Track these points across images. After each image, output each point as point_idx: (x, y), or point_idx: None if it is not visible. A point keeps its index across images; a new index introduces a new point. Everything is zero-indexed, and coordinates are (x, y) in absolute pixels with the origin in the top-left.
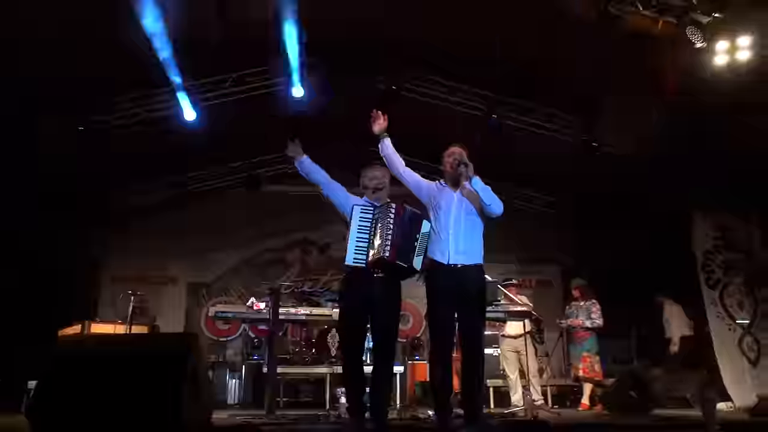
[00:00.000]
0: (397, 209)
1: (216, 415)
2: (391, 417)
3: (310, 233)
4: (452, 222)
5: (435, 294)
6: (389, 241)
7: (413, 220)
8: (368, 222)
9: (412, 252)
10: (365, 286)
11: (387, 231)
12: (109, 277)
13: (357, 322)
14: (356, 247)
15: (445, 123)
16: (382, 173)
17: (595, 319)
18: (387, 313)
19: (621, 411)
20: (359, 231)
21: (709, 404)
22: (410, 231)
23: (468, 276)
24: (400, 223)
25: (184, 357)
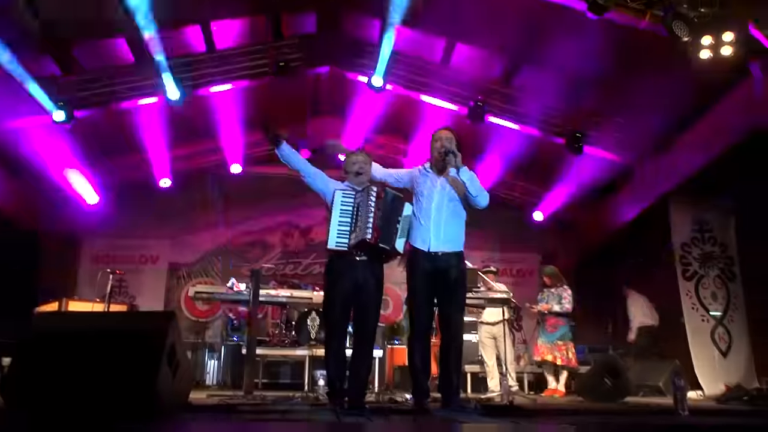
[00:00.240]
0: (378, 192)
1: (194, 395)
2: (369, 400)
3: (292, 216)
4: (434, 209)
5: (415, 280)
6: (371, 223)
7: (395, 203)
8: (350, 206)
9: (395, 234)
10: (348, 270)
11: (368, 214)
12: (88, 255)
13: (341, 305)
14: (338, 231)
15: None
16: (364, 158)
17: (564, 304)
18: (370, 297)
19: (595, 397)
20: (341, 215)
21: (679, 392)
22: (392, 213)
23: (448, 263)
24: (381, 205)
25: (163, 334)
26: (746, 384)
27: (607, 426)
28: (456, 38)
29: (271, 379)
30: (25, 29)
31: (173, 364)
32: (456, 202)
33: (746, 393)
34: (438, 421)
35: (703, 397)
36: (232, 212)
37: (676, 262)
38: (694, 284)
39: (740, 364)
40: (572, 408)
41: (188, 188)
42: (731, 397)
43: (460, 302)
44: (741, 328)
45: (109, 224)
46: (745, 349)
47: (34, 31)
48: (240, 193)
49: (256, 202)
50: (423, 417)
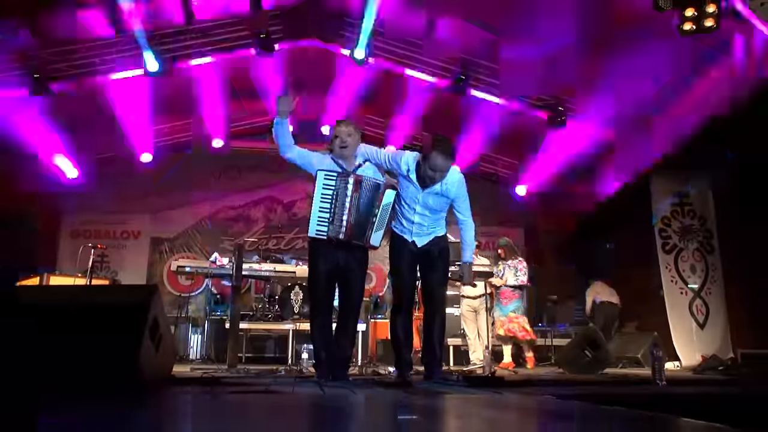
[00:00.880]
0: (355, 180)
1: (177, 368)
2: (352, 373)
3: (275, 191)
4: (416, 217)
5: (397, 254)
6: (344, 219)
7: (374, 191)
8: (330, 189)
9: (370, 228)
10: (330, 251)
11: (344, 208)
12: (69, 231)
13: (326, 281)
14: (318, 218)
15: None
16: (348, 130)
17: (520, 276)
18: (353, 274)
19: (575, 369)
20: (321, 200)
21: (657, 363)
22: (369, 205)
23: (432, 243)
24: (357, 199)
25: (145, 307)
26: (722, 355)
27: (585, 396)
28: (438, 11)
29: (255, 353)
30: None
31: (156, 337)
32: (437, 214)
33: (721, 363)
34: (421, 392)
35: (680, 368)
36: (214, 187)
37: (656, 236)
38: (674, 257)
39: (717, 336)
40: (552, 379)
41: (170, 163)
42: (707, 367)
43: (443, 276)
44: (718, 300)
45: (89, 199)
46: (722, 321)
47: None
48: (222, 167)
49: (239, 177)
50: (406, 389)
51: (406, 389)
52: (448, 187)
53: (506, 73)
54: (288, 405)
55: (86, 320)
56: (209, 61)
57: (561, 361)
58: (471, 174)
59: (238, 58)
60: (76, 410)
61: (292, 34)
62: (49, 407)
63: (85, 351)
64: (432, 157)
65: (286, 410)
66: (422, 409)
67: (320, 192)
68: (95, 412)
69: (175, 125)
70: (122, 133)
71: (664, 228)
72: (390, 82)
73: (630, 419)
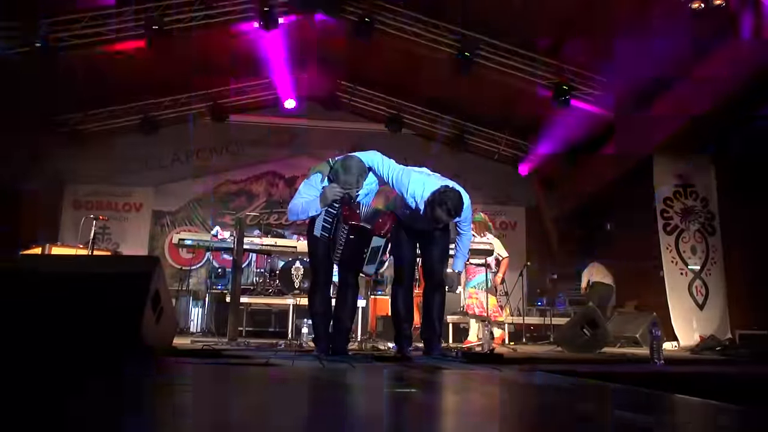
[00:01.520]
0: (351, 227)
1: (178, 341)
2: (352, 348)
3: (277, 166)
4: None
5: (398, 230)
6: (338, 253)
7: (362, 237)
8: (332, 218)
9: (360, 263)
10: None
11: (339, 243)
12: (71, 202)
13: (325, 254)
14: (323, 226)
15: (418, 60)
16: (357, 185)
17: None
18: (351, 262)
19: (573, 347)
20: (326, 215)
21: (656, 342)
22: (358, 248)
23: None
24: (353, 240)
25: (147, 278)
26: (720, 335)
27: (583, 374)
28: None
29: (255, 327)
30: None
31: (157, 309)
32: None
33: (719, 343)
34: (419, 367)
35: (678, 348)
36: (216, 161)
37: (658, 216)
38: (675, 238)
39: (715, 317)
40: (551, 357)
41: (173, 136)
42: (705, 348)
43: (443, 251)
44: (718, 281)
45: (92, 171)
46: (721, 302)
47: None
48: (225, 141)
49: (241, 151)
50: (405, 363)
51: (405, 364)
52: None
53: (512, 51)
54: (288, 378)
55: (88, 290)
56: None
57: (560, 339)
58: (476, 153)
59: (241, 32)
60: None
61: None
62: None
63: (87, 320)
64: (438, 213)
65: (286, 383)
66: (420, 383)
67: (323, 211)
68: (98, 382)
69: (179, 98)
70: (127, 105)
71: (666, 209)
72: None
73: (626, 394)
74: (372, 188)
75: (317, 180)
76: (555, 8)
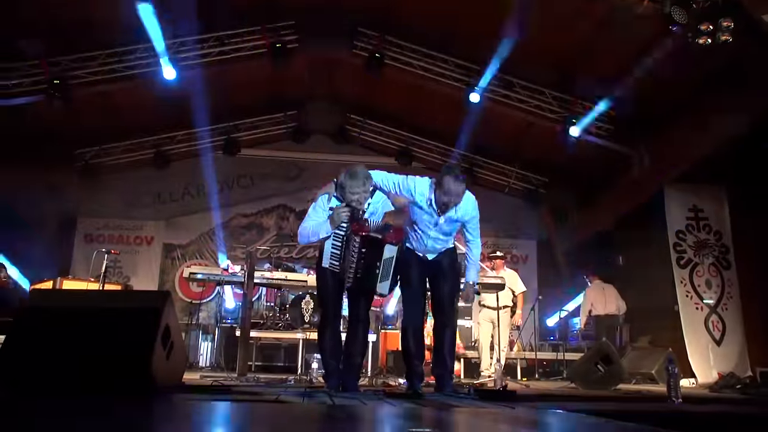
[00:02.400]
0: (361, 242)
1: (187, 375)
2: (362, 384)
3: (288, 199)
4: (429, 240)
5: (407, 267)
6: (351, 272)
7: (374, 251)
8: (340, 241)
9: (375, 279)
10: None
11: (351, 262)
12: (83, 235)
13: (335, 289)
14: (331, 254)
15: (428, 95)
16: (364, 189)
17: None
18: (363, 283)
19: (587, 383)
20: (334, 239)
21: (673, 379)
22: (371, 261)
23: (442, 255)
24: (364, 255)
25: (158, 313)
26: (739, 372)
27: (599, 412)
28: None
29: (264, 361)
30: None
31: (167, 344)
32: (449, 236)
33: (739, 381)
34: (432, 404)
35: (696, 385)
36: (227, 195)
37: (671, 249)
38: (689, 272)
39: (734, 353)
40: (565, 394)
41: (184, 170)
42: (724, 385)
43: (453, 287)
44: (735, 316)
45: (104, 205)
46: (739, 338)
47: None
48: (236, 175)
49: (252, 185)
50: (416, 400)
51: (417, 401)
52: (462, 213)
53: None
54: (298, 416)
55: (100, 325)
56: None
57: (573, 375)
58: (485, 187)
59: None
60: (88, 415)
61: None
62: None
63: (99, 355)
64: (445, 182)
65: (296, 421)
66: (433, 421)
67: (332, 236)
68: (106, 418)
69: (192, 132)
70: (139, 139)
71: (679, 242)
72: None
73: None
74: (378, 207)
75: (324, 200)
76: (562, 43)
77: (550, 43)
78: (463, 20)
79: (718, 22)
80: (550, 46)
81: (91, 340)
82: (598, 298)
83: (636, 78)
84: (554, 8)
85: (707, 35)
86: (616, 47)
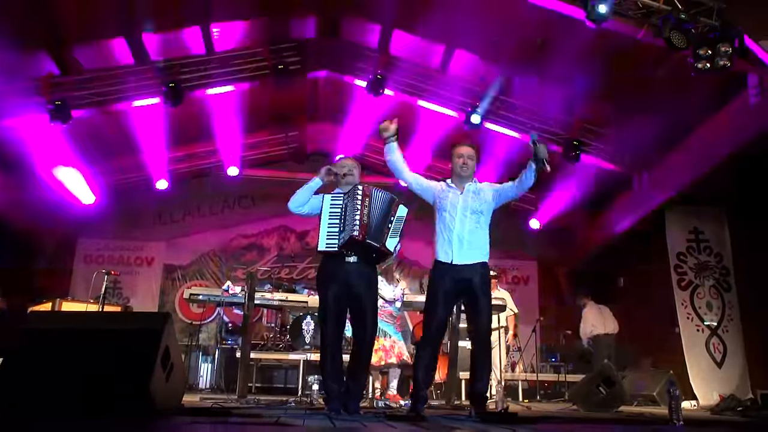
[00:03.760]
0: (364, 190)
1: (187, 398)
2: (363, 405)
3: (288, 220)
4: (457, 224)
5: (436, 293)
6: (357, 220)
7: (385, 202)
8: (339, 208)
9: (385, 233)
10: (340, 271)
11: (355, 212)
12: (83, 256)
13: (334, 306)
14: (328, 232)
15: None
16: (352, 163)
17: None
18: (365, 301)
19: (589, 405)
20: (330, 217)
21: (674, 401)
22: (382, 212)
23: (472, 272)
24: (369, 203)
25: (158, 335)
26: (740, 394)
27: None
28: (454, 45)
29: (264, 383)
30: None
31: (167, 366)
32: (479, 215)
33: (740, 403)
34: (433, 427)
35: (697, 407)
36: (228, 215)
37: (672, 271)
38: (690, 294)
39: (735, 375)
40: (566, 416)
41: (185, 190)
42: (725, 408)
43: (485, 308)
44: (736, 338)
45: (104, 225)
46: (740, 360)
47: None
48: (236, 195)
49: (253, 205)
50: (418, 423)
51: (418, 423)
52: (479, 186)
53: (521, 107)
54: None
55: (99, 347)
56: (228, 89)
57: (574, 397)
58: None
59: (255, 88)
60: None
61: (309, 66)
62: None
63: (98, 378)
64: (455, 149)
65: None
66: None
67: (327, 212)
68: None
69: (191, 152)
70: (139, 160)
71: (680, 264)
72: (405, 113)
73: None
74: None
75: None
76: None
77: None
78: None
79: (716, 47)
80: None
81: (90, 362)
82: (597, 319)
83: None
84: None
85: (706, 59)
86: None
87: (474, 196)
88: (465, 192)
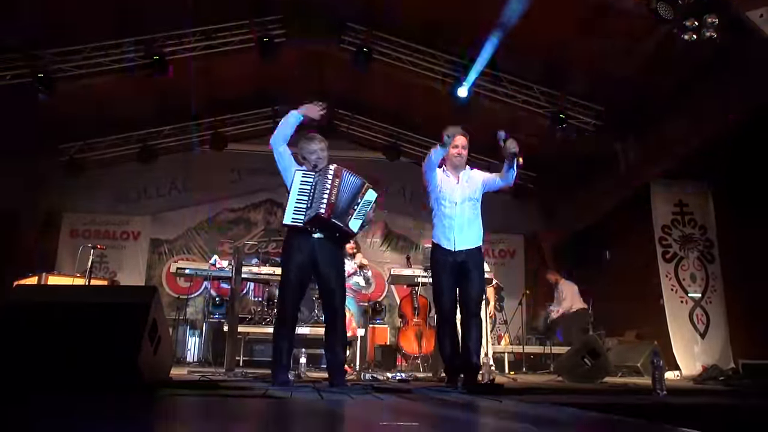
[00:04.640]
0: (336, 171)
1: (174, 371)
2: (350, 378)
3: (275, 194)
4: (457, 212)
5: (441, 278)
6: (325, 199)
7: (355, 184)
8: (308, 185)
9: (350, 215)
10: (305, 245)
11: (324, 191)
12: (69, 230)
13: (296, 278)
14: (295, 207)
15: (415, 89)
16: (321, 146)
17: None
18: (329, 276)
19: (574, 377)
20: (299, 194)
21: (658, 372)
22: (350, 193)
23: (469, 255)
24: (339, 184)
25: (145, 309)
26: (722, 365)
27: (585, 405)
28: None
29: (251, 356)
30: None
31: (155, 339)
32: (475, 201)
33: (722, 373)
34: (419, 399)
35: (681, 378)
36: (215, 189)
37: (656, 244)
38: (674, 266)
39: (717, 345)
40: (552, 387)
41: (172, 164)
42: (708, 377)
43: (479, 288)
44: (719, 309)
45: (90, 200)
46: (723, 331)
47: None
48: (223, 170)
49: (239, 180)
50: (404, 395)
51: (405, 395)
52: (470, 173)
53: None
54: (286, 410)
55: (87, 320)
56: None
57: (560, 369)
58: None
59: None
60: (74, 410)
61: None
62: (46, 407)
63: (85, 351)
64: (446, 131)
65: (285, 416)
66: (420, 415)
67: (298, 187)
68: (94, 414)
69: (177, 126)
70: (124, 134)
71: (665, 236)
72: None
73: (630, 428)
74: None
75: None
76: (550, 38)
77: (538, 39)
78: (450, 13)
79: (703, 19)
80: (538, 41)
81: (77, 336)
82: (576, 295)
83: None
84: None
85: (693, 31)
86: (602, 44)
87: (468, 184)
88: (461, 181)
